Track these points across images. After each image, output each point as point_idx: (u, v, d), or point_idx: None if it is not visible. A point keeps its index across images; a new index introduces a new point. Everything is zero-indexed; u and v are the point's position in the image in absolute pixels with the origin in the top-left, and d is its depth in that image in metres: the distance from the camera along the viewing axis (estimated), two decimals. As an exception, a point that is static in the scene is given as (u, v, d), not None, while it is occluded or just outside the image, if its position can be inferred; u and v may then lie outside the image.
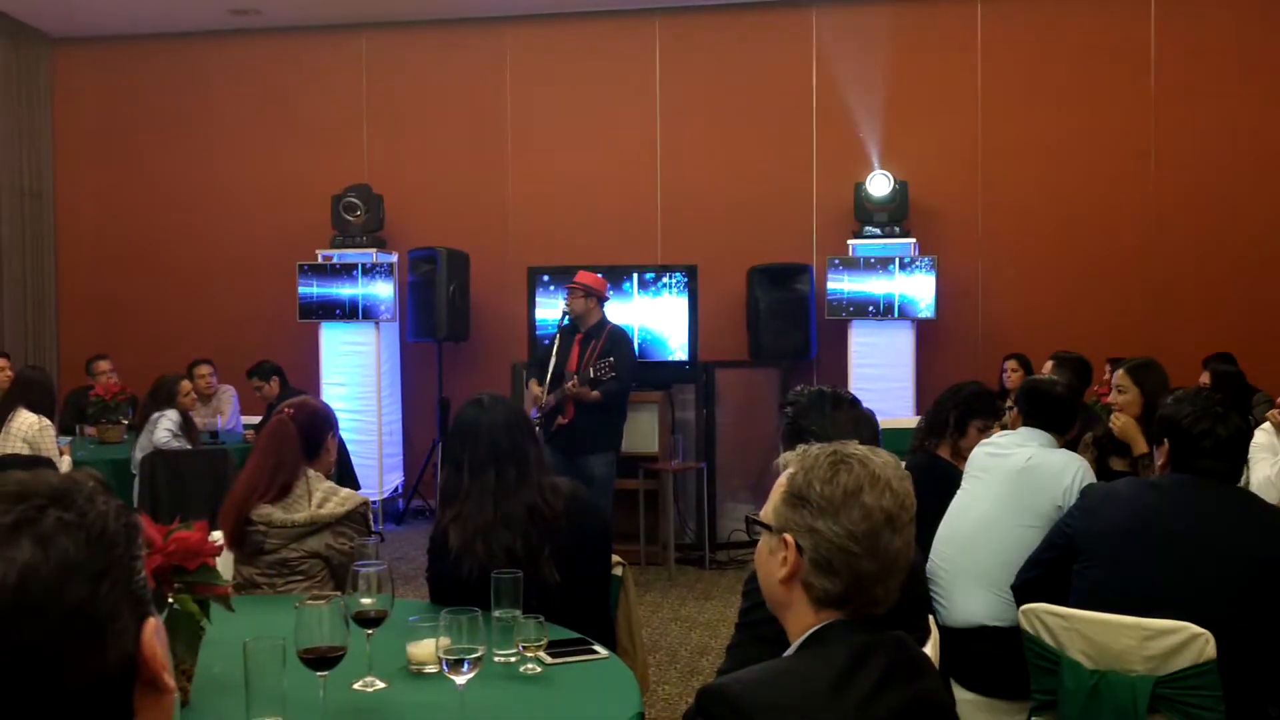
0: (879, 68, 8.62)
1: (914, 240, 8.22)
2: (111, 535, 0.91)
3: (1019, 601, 3.06)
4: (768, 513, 1.73)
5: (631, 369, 6.51)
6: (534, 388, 6.48)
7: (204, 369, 7.84)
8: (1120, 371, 4.24)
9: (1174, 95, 8.28)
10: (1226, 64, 8.23)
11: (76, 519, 0.89)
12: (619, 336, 6.58)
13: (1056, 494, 3.43)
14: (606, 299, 6.68)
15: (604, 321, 6.54)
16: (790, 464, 1.73)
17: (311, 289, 8.65)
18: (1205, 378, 6.00)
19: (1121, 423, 4.08)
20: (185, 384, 6.71)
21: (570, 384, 6.21)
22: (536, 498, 2.93)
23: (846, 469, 1.65)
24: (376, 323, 8.64)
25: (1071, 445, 3.93)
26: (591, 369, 6.19)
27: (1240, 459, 2.90)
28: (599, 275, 6.73)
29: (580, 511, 3.01)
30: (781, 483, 1.72)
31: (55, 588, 0.86)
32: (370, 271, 8.60)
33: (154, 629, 0.93)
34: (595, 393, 6.23)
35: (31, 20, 9.38)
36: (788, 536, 1.66)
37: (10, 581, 0.84)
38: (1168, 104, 8.29)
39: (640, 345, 7.48)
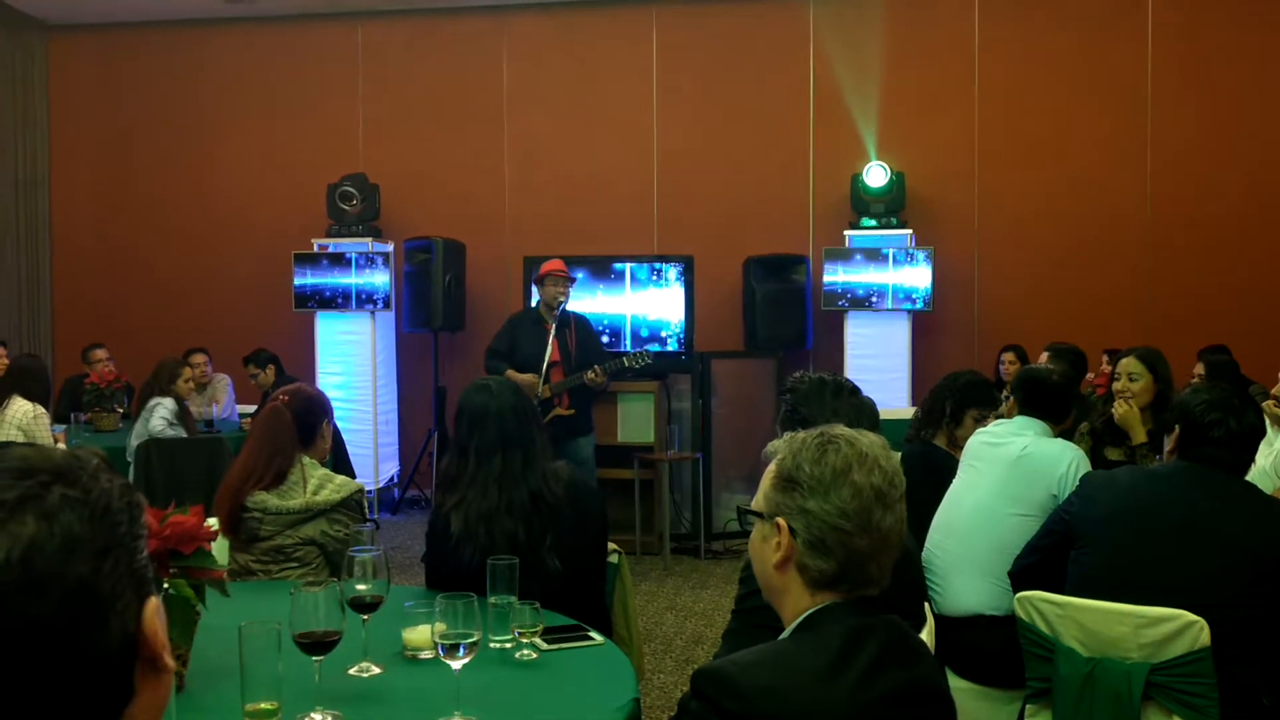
0: (876, 58, 8.61)
1: (910, 231, 8.22)
2: (115, 513, 0.91)
3: (1016, 588, 3.07)
4: (759, 501, 1.74)
5: None
6: (522, 378, 6.45)
7: (199, 357, 7.84)
8: (1131, 358, 4.21)
9: (1171, 87, 8.27)
10: (1224, 55, 8.23)
11: (81, 495, 0.89)
12: (588, 323, 6.84)
13: (1051, 483, 3.43)
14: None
15: (567, 310, 6.62)
16: (778, 450, 1.73)
17: (307, 279, 8.63)
18: (1199, 369, 6.01)
19: (1124, 410, 4.06)
20: (185, 369, 6.71)
21: (589, 374, 6.32)
22: (541, 484, 2.93)
23: (834, 449, 1.66)
24: (372, 312, 8.62)
25: (1067, 435, 3.93)
26: (625, 358, 6.41)
27: (1248, 454, 2.88)
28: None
29: (580, 497, 3.02)
30: (771, 469, 1.73)
31: (59, 564, 0.86)
32: (366, 261, 8.59)
33: (155, 608, 0.94)
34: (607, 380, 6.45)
35: (28, 7, 9.34)
36: (780, 520, 1.67)
37: (14, 557, 0.84)
38: (1165, 96, 8.28)
39: (637, 335, 7.52)
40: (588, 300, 7.65)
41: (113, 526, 0.90)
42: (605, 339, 7.46)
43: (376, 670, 2.34)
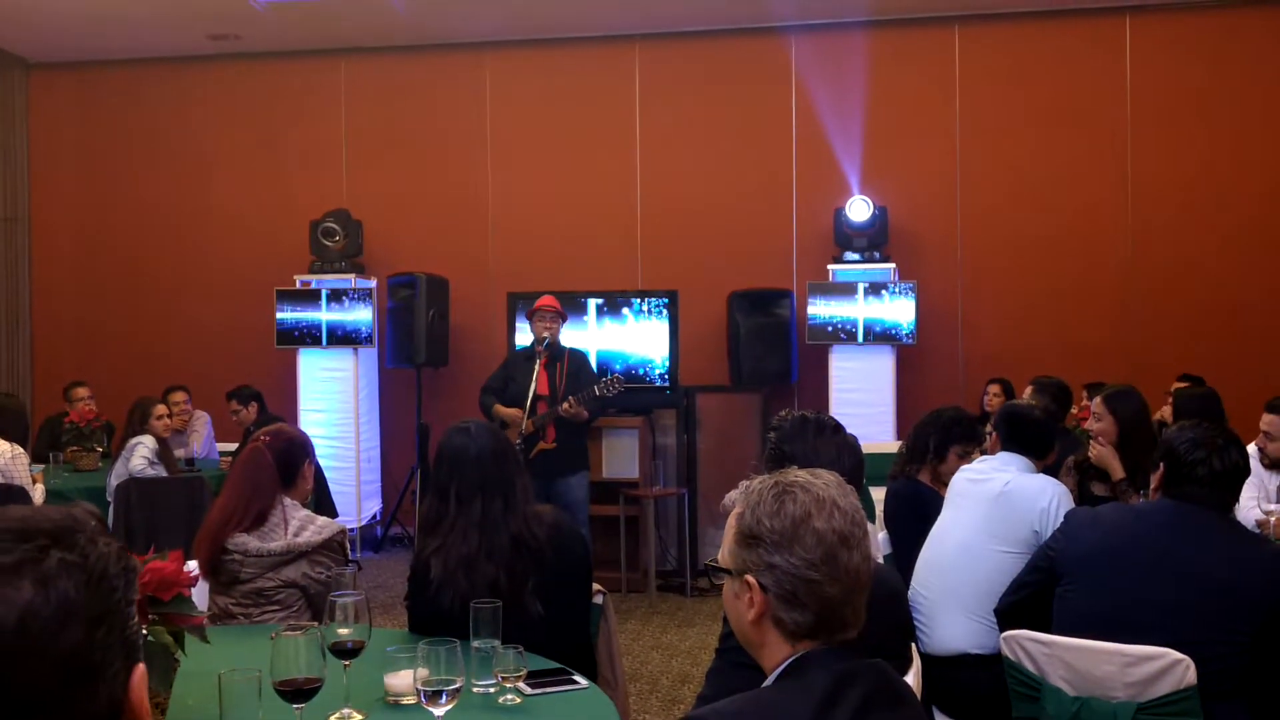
0: (858, 93, 8.67)
1: (894, 265, 8.25)
2: (111, 578, 0.91)
3: (1002, 625, 3.06)
4: (724, 556, 1.73)
5: None
6: (508, 413, 6.43)
7: (178, 395, 7.77)
8: (1097, 399, 4.27)
9: (1150, 118, 8.36)
10: (1201, 87, 8.31)
11: (79, 560, 0.89)
12: (583, 357, 6.77)
13: (1033, 518, 3.43)
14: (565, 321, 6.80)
15: (561, 344, 6.61)
16: (736, 503, 1.72)
17: (289, 315, 8.60)
18: (1167, 410, 6.05)
19: (1098, 451, 4.10)
20: (160, 407, 6.65)
21: (565, 405, 6.26)
22: (522, 528, 2.90)
23: (791, 498, 1.65)
24: (355, 349, 8.59)
25: (1053, 469, 3.93)
26: (596, 387, 6.30)
27: (1232, 493, 2.89)
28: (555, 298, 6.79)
29: (564, 541, 2.99)
30: (731, 524, 1.72)
31: (54, 631, 0.86)
32: (349, 297, 8.57)
33: (142, 675, 0.93)
34: (585, 411, 6.31)
35: (8, 44, 9.35)
36: (749, 578, 1.66)
37: (9, 623, 0.84)
38: (1144, 127, 8.37)
39: (622, 370, 7.51)
40: (571, 336, 7.63)
41: (108, 593, 0.90)
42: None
43: (358, 717, 2.31)
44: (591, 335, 7.78)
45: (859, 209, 8.16)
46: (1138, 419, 4.07)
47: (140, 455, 6.30)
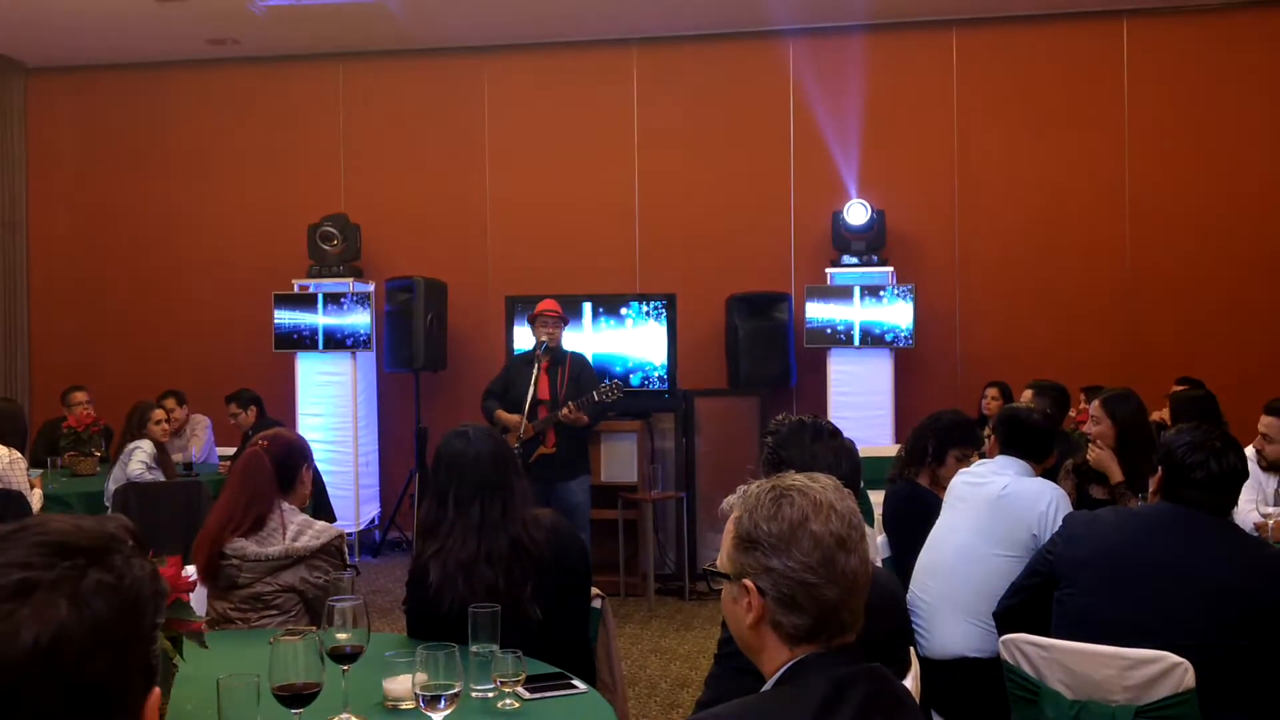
0: (856, 97, 8.68)
1: (892, 269, 8.25)
2: (144, 601, 0.91)
3: (1000, 629, 3.05)
4: (723, 561, 1.73)
5: None
6: (509, 418, 6.44)
7: (169, 401, 7.73)
8: (1095, 403, 4.27)
9: (1147, 122, 8.36)
10: (1198, 91, 8.32)
11: (115, 581, 0.89)
12: (584, 361, 6.75)
13: (1031, 521, 3.43)
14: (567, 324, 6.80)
15: (563, 348, 6.60)
16: (734, 507, 1.73)
17: (287, 319, 8.60)
18: (1165, 412, 6.03)
19: (1096, 454, 4.10)
20: (158, 411, 6.65)
21: (565, 410, 6.25)
22: (521, 532, 2.90)
23: (788, 501, 1.66)
24: (353, 353, 8.59)
25: (1052, 473, 3.94)
26: (595, 392, 6.28)
27: (1231, 496, 2.89)
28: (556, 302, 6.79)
29: (562, 545, 2.98)
30: (729, 528, 1.72)
31: (85, 654, 0.85)
32: (347, 301, 8.56)
33: (156, 701, 0.93)
34: (585, 416, 6.30)
35: (6, 49, 9.34)
36: (747, 581, 1.66)
37: (43, 643, 0.83)
38: (1141, 131, 8.37)
39: (621, 374, 7.51)
40: (569, 339, 7.63)
41: (139, 617, 0.90)
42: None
43: (356, 722, 2.31)
44: (590, 338, 7.78)
45: (857, 212, 8.16)
46: (1136, 422, 4.08)
47: (138, 460, 6.29)
